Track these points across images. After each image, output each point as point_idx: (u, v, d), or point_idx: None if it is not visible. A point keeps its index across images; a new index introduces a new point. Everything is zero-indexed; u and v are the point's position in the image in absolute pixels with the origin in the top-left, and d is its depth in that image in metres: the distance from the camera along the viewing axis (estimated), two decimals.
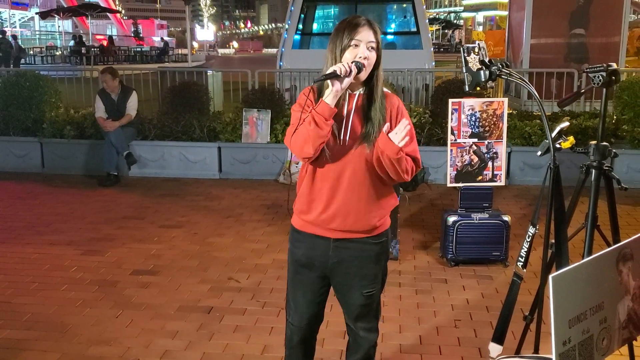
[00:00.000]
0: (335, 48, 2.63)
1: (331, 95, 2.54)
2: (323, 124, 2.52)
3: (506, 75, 2.65)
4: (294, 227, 2.89)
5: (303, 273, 2.86)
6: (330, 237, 2.76)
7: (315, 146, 2.55)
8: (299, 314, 2.93)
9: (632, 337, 2.24)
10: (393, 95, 2.79)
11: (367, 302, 2.85)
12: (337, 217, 2.71)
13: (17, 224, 6.58)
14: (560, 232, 2.82)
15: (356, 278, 2.80)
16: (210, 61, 44.32)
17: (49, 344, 4.02)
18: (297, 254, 2.86)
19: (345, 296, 2.87)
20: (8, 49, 26.29)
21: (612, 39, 10.71)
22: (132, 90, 8.69)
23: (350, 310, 2.89)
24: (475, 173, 5.26)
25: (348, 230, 2.74)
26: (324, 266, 2.81)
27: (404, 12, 13.21)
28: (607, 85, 2.94)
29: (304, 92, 2.69)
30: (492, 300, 4.66)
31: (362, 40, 2.61)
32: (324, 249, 2.78)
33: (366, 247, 2.79)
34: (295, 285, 2.91)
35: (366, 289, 2.82)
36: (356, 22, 2.63)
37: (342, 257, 2.78)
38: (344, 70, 2.51)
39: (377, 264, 2.84)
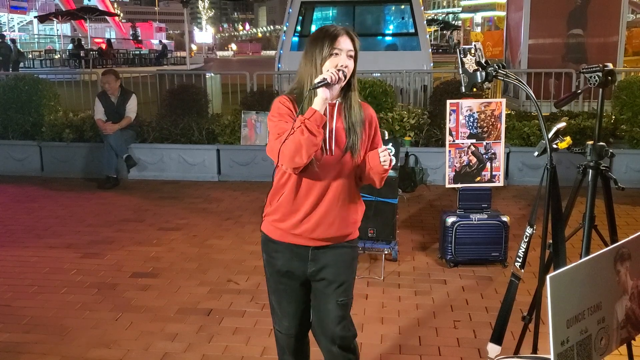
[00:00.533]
0: (315, 57, 2.63)
1: (321, 103, 2.54)
2: (317, 132, 2.51)
3: (502, 76, 2.66)
4: (269, 237, 2.87)
5: (285, 283, 2.86)
6: (310, 246, 2.76)
7: (309, 154, 2.54)
8: (287, 323, 2.91)
9: (631, 337, 2.24)
10: (367, 105, 2.83)
11: (341, 313, 2.81)
12: (320, 226, 2.72)
13: (16, 227, 6.58)
14: (558, 232, 2.82)
15: (332, 286, 2.79)
16: (209, 64, 44.32)
17: (48, 347, 4.02)
18: (276, 265, 2.84)
19: (320, 306, 2.83)
20: (7, 53, 26.30)
21: (610, 39, 10.72)
22: (131, 93, 8.71)
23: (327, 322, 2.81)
24: (474, 174, 5.27)
25: (329, 237, 2.75)
26: (303, 274, 2.82)
27: (401, 13, 13.21)
28: (604, 86, 2.94)
29: (280, 101, 2.68)
30: (491, 301, 4.66)
31: (342, 50, 2.62)
32: (302, 257, 2.78)
33: (342, 251, 2.81)
34: (279, 294, 2.89)
35: (340, 297, 2.80)
36: (336, 32, 2.62)
37: (321, 264, 2.78)
38: (334, 78, 2.53)
39: (351, 271, 2.86)
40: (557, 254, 2.82)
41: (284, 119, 2.63)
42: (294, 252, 2.78)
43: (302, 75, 2.69)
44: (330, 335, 2.82)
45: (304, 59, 2.68)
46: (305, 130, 2.49)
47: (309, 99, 2.61)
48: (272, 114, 2.68)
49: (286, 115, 2.64)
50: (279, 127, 2.60)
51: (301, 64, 2.71)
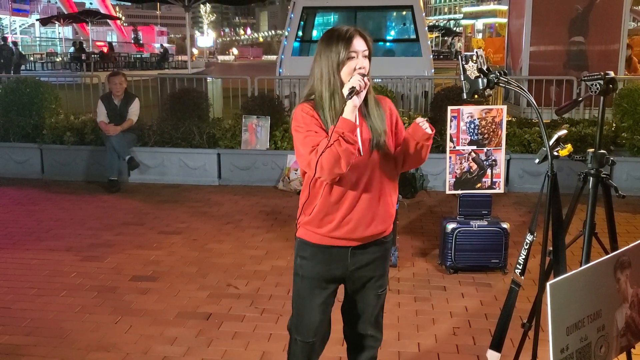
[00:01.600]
0: (331, 61, 2.62)
1: (352, 112, 2.54)
2: (353, 141, 2.52)
3: (504, 83, 2.66)
4: (307, 242, 2.82)
5: (321, 287, 2.84)
6: (349, 246, 2.78)
7: (349, 164, 2.54)
8: (312, 330, 2.90)
9: (630, 345, 2.25)
10: (384, 97, 2.84)
11: (378, 302, 2.93)
12: (359, 226, 2.73)
13: (16, 230, 6.58)
14: (558, 239, 2.83)
15: (372, 280, 2.86)
16: (210, 68, 44.34)
17: (48, 349, 4.02)
18: (314, 268, 2.82)
19: (361, 300, 2.91)
20: (9, 56, 26.33)
21: (612, 46, 10.73)
22: (134, 96, 8.74)
23: (365, 312, 2.93)
24: (474, 180, 5.27)
25: (370, 235, 2.78)
26: (342, 275, 2.84)
27: (403, 19, 13.24)
28: (605, 93, 2.95)
29: (303, 111, 2.66)
30: (491, 308, 4.66)
31: (358, 51, 2.62)
32: (342, 258, 2.79)
33: (379, 248, 2.85)
34: (310, 300, 2.87)
35: (379, 289, 2.90)
36: (350, 35, 2.62)
37: (360, 262, 2.81)
38: (363, 85, 2.54)
39: (387, 262, 2.94)
40: (557, 261, 2.83)
41: (312, 129, 2.61)
42: (334, 254, 2.79)
43: (318, 79, 2.67)
44: (367, 320, 2.94)
45: (318, 63, 2.66)
46: (343, 142, 2.49)
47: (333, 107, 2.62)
48: (298, 125, 2.65)
49: (313, 124, 2.62)
50: (311, 140, 2.58)
51: (314, 68, 2.68)
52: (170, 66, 39.81)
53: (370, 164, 2.70)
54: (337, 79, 2.61)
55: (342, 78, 2.62)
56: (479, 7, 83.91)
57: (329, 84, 2.63)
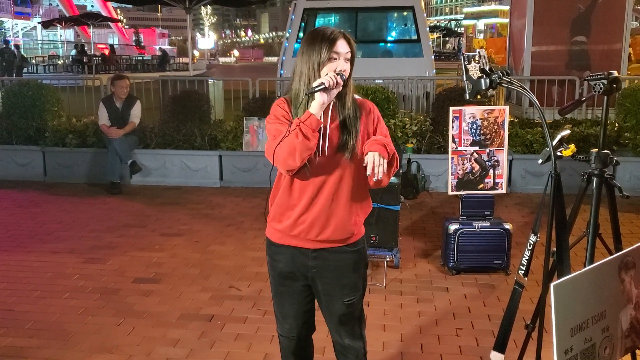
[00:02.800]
0: (312, 60, 2.60)
1: (318, 107, 2.53)
2: (311, 136, 2.51)
3: (506, 83, 2.65)
4: (270, 241, 2.85)
5: (287, 284, 2.85)
6: (308, 248, 2.75)
7: (303, 158, 2.53)
8: (288, 325, 2.93)
9: (635, 346, 2.23)
10: (365, 100, 2.79)
11: (348, 311, 2.84)
12: (314, 227, 2.70)
13: (19, 232, 6.58)
14: (562, 240, 2.82)
15: (337, 287, 2.80)
16: (211, 70, 44.37)
17: (51, 351, 4.02)
18: (277, 267, 2.84)
19: (327, 306, 2.86)
20: (11, 59, 26.36)
21: (614, 46, 10.72)
22: (136, 99, 8.74)
23: (333, 319, 2.87)
24: (477, 181, 5.26)
25: (326, 240, 2.73)
26: (305, 276, 2.82)
27: (404, 20, 13.24)
28: (608, 93, 2.94)
29: (277, 104, 2.69)
30: (493, 309, 4.65)
31: (340, 53, 2.60)
32: (303, 260, 2.77)
33: (344, 257, 2.78)
34: (281, 297, 2.90)
35: (347, 298, 2.81)
36: (334, 36, 2.60)
37: (322, 267, 2.77)
38: (332, 82, 2.52)
39: (356, 272, 2.83)
40: (561, 262, 2.82)
41: (279, 121, 2.63)
42: (294, 254, 2.77)
43: (298, 77, 2.67)
44: (337, 330, 2.88)
45: (300, 60, 2.66)
46: (300, 133, 2.49)
47: (305, 102, 2.60)
48: (270, 116, 2.69)
49: (282, 117, 2.65)
50: (275, 129, 2.61)
51: (297, 65, 2.68)
52: (172, 68, 39.82)
53: (335, 167, 2.66)
54: (316, 78, 2.59)
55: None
56: (480, 7, 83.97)
57: (307, 81, 2.61)
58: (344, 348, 2.91)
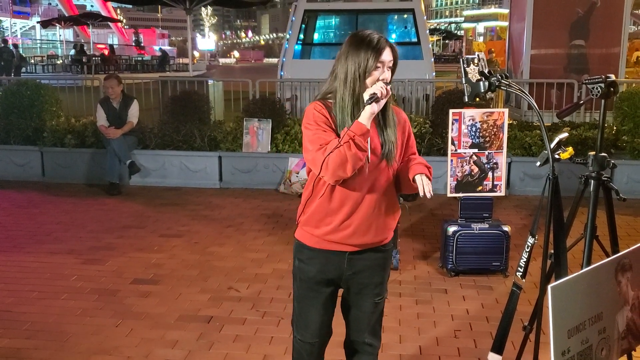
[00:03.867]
0: (358, 67, 2.58)
1: (368, 118, 2.54)
2: (364, 147, 2.52)
3: (505, 86, 2.66)
4: (303, 244, 2.83)
5: (317, 290, 2.85)
6: (346, 251, 2.77)
7: (354, 169, 2.53)
8: (311, 331, 2.91)
9: (631, 348, 2.25)
10: (400, 110, 2.83)
11: (376, 309, 2.90)
12: (356, 233, 2.72)
13: (17, 233, 6.58)
14: (560, 242, 2.83)
15: (369, 287, 2.83)
16: (211, 71, 44.38)
17: (48, 353, 4.02)
18: (310, 271, 2.82)
19: (356, 306, 2.89)
20: (9, 58, 26.36)
21: (612, 50, 10.74)
22: (133, 98, 8.73)
23: (361, 319, 2.90)
24: (476, 183, 5.27)
25: (366, 243, 2.76)
26: (338, 279, 2.83)
27: (404, 22, 13.25)
28: (606, 97, 2.95)
29: (315, 109, 2.65)
30: (492, 311, 4.66)
31: (385, 62, 2.61)
32: (338, 262, 2.78)
33: (378, 256, 2.83)
34: (308, 302, 2.89)
35: (377, 297, 2.87)
36: (381, 45, 2.59)
37: (356, 268, 2.80)
38: (384, 93, 2.54)
39: (385, 271, 2.90)
40: (558, 264, 2.83)
41: (322, 128, 2.60)
42: (330, 258, 2.78)
43: (340, 81, 2.63)
44: (364, 328, 2.91)
45: (343, 64, 2.62)
46: (353, 145, 2.48)
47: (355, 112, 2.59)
48: (309, 122, 2.64)
49: (324, 124, 2.61)
50: (320, 138, 2.57)
51: (338, 68, 2.65)
52: (172, 69, 39.82)
53: (376, 173, 2.68)
54: (361, 85, 2.59)
55: (367, 84, 2.60)
56: (480, 10, 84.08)
57: (353, 89, 2.60)
58: (363, 346, 2.95)
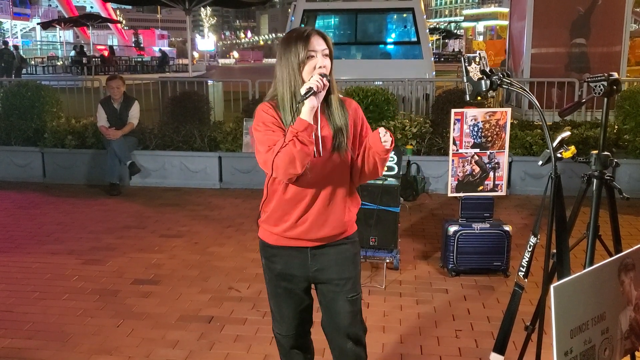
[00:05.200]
0: (291, 62, 2.59)
1: (309, 112, 2.52)
2: (308, 142, 2.50)
3: (507, 84, 2.65)
4: (265, 242, 2.86)
5: (284, 286, 2.85)
6: (307, 246, 2.76)
7: (304, 165, 2.52)
8: (286, 325, 2.92)
9: (635, 348, 2.23)
10: (351, 100, 2.79)
11: (352, 309, 2.83)
12: (312, 227, 2.71)
13: (18, 234, 6.58)
14: (562, 241, 2.82)
15: (340, 282, 2.80)
16: (211, 71, 44.38)
17: (49, 353, 4.02)
18: (275, 269, 2.84)
19: (330, 306, 2.85)
20: (10, 59, 26.36)
21: (613, 48, 10.73)
22: (134, 99, 8.73)
23: (339, 320, 2.85)
24: (477, 183, 5.26)
25: (325, 237, 2.75)
26: (305, 276, 2.81)
27: (404, 21, 13.24)
28: (608, 95, 2.94)
29: (263, 110, 2.65)
30: (493, 311, 4.64)
31: (317, 50, 2.59)
32: (302, 259, 2.78)
33: (342, 249, 2.80)
34: (278, 298, 2.90)
35: (350, 294, 2.81)
36: (307, 34, 2.59)
37: (322, 264, 2.78)
38: (320, 85, 2.51)
39: (355, 265, 2.85)
40: (561, 263, 2.82)
41: (270, 129, 2.60)
42: (292, 254, 2.78)
43: (280, 82, 2.64)
44: (344, 332, 2.85)
45: (279, 64, 2.64)
46: (298, 142, 2.47)
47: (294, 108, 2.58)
48: (257, 124, 2.64)
49: (271, 124, 2.61)
50: (269, 139, 2.58)
51: (276, 70, 2.66)
52: (171, 70, 39.83)
53: (329, 165, 2.67)
54: (298, 80, 2.58)
55: (304, 78, 2.59)
56: (480, 9, 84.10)
57: (290, 85, 2.60)
58: (346, 353, 2.89)
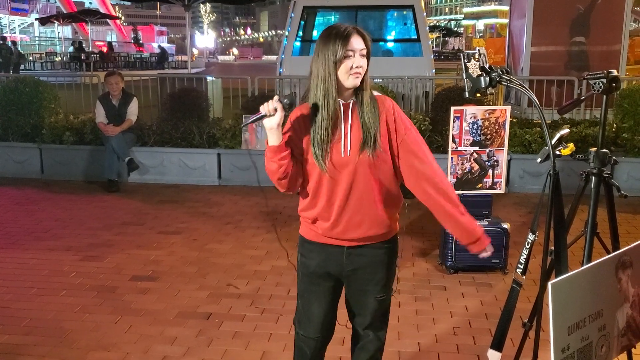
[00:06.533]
0: (327, 59, 2.57)
1: (269, 134, 2.61)
2: (273, 161, 2.61)
3: (506, 81, 2.64)
4: (304, 238, 2.85)
5: (319, 284, 2.84)
6: (344, 246, 2.76)
7: (278, 178, 2.65)
8: (313, 325, 2.89)
9: (631, 345, 2.24)
10: (385, 97, 2.74)
11: (380, 307, 2.87)
12: (349, 228, 2.71)
13: (16, 230, 6.57)
14: (560, 239, 2.82)
15: (370, 283, 2.81)
16: (210, 68, 44.35)
17: (47, 349, 4.02)
18: (310, 265, 2.82)
19: (359, 302, 2.88)
20: (8, 55, 26.33)
21: (613, 47, 10.72)
22: (132, 96, 8.72)
23: (364, 315, 2.89)
24: (475, 181, 5.26)
25: (362, 237, 2.74)
26: (339, 274, 2.82)
27: (404, 19, 13.22)
28: (608, 92, 2.93)
29: (294, 112, 2.73)
30: (491, 308, 4.65)
31: (355, 50, 2.57)
32: (337, 257, 2.77)
33: (379, 252, 2.80)
34: (310, 296, 2.88)
35: (379, 294, 2.84)
36: (347, 32, 2.58)
37: (357, 264, 2.78)
38: (272, 109, 2.58)
39: (389, 269, 2.86)
40: (558, 260, 2.82)
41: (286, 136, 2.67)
42: (328, 251, 2.78)
43: (315, 78, 2.63)
44: (367, 324, 2.90)
45: (316, 61, 2.62)
46: (266, 159, 2.63)
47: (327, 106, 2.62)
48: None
49: (288, 129, 2.70)
50: None
51: (312, 66, 2.65)
52: (170, 66, 39.80)
53: (360, 166, 2.65)
54: (332, 78, 2.58)
55: (340, 77, 2.58)
56: (480, 7, 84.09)
57: (324, 83, 2.59)
58: (367, 341, 2.94)
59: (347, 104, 2.66)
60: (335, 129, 2.63)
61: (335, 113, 2.62)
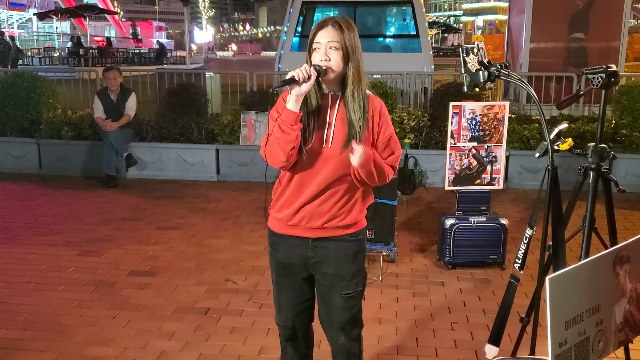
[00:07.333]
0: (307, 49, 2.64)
1: (292, 101, 2.53)
2: (289, 130, 2.51)
3: (505, 76, 2.64)
4: (271, 230, 2.85)
5: (285, 275, 2.85)
6: (309, 237, 2.75)
7: (286, 151, 2.54)
8: (284, 315, 2.92)
9: (628, 340, 2.24)
10: (374, 97, 2.73)
11: (346, 306, 2.80)
12: (314, 216, 2.70)
13: (14, 225, 6.57)
14: (558, 234, 2.82)
15: (336, 278, 2.77)
16: (209, 63, 44.29)
17: (45, 344, 4.01)
18: (277, 257, 2.84)
19: (325, 299, 2.84)
20: (6, 50, 26.27)
21: (612, 43, 10.73)
22: (131, 91, 8.70)
23: (331, 315, 2.84)
24: (474, 176, 5.26)
25: (325, 227, 2.72)
26: (304, 267, 2.81)
27: (403, 15, 13.22)
28: (606, 87, 2.93)
29: (282, 97, 2.68)
30: (488, 303, 4.66)
31: (321, 42, 2.57)
32: (302, 249, 2.77)
33: (344, 245, 2.77)
34: (278, 287, 2.91)
35: (345, 290, 2.78)
36: (319, 24, 2.59)
37: (321, 256, 2.76)
38: (302, 75, 2.49)
39: (355, 264, 2.80)
40: (556, 255, 2.82)
41: (276, 116, 2.62)
42: (293, 243, 2.77)
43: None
44: (337, 326, 2.84)
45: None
46: (279, 129, 2.52)
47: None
48: (272, 110, 2.68)
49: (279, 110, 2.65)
50: (271, 127, 2.61)
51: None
52: (169, 62, 39.74)
53: (340, 159, 2.63)
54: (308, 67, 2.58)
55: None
56: (479, 3, 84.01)
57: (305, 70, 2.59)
58: (339, 347, 2.90)
59: (335, 95, 2.66)
60: (319, 117, 2.63)
61: (317, 103, 2.62)
